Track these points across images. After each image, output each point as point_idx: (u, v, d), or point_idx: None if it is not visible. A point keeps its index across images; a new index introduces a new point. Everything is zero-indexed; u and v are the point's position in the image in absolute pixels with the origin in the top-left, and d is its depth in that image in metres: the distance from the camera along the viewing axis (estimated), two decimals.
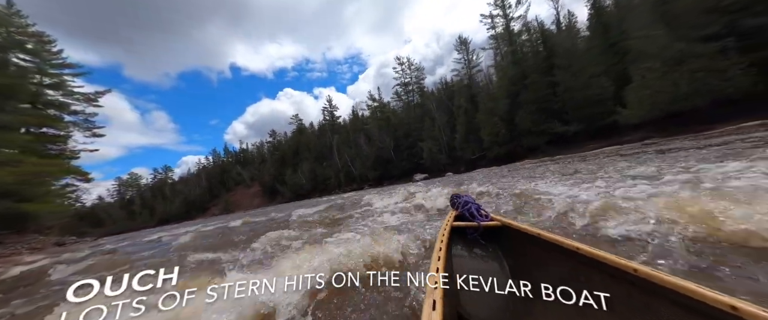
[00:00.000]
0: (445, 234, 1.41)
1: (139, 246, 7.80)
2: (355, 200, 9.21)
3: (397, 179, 36.09)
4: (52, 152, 20.53)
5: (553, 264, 1.18)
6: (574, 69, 20.12)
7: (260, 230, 5.68)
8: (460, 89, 35.30)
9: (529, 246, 1.35)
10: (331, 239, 3.09)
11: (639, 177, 3.87)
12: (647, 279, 0.77)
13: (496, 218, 1.72)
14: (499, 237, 1.66)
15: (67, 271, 4.57)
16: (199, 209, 66.59)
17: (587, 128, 19.12)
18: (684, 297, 0.68)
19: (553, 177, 5.92)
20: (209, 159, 78.98)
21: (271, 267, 2.37)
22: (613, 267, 0.88)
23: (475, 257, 1.60)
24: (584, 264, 1.00)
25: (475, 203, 1.89)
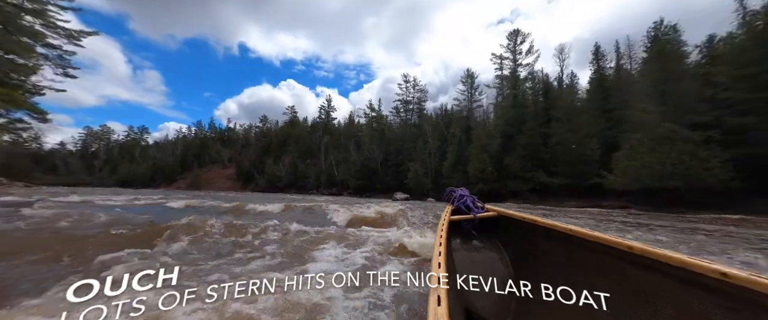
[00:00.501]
0: (443, 230, 1.37)
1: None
2: (317, 208, 8.10)
3: (378, 192, 35.32)
4: (11, 82, 18.58)
5: (549, 248, 1.16)
6: (570, 125, 20.62)
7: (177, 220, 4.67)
8: (458, 119, 35.73)
9: (526, 233, 1.34)
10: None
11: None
12: (641, 255, 0.79)
13: (491, 209, 1.73)
14: (495, 227, 1.66)
15: None
16: (166, 179, 62.71)
17: (571, 184, 19.35)
18: (676, 268, 0.70)
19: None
20: (191, 130, 75.49)
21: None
22: (607, 246, 0.89)
23: (474, 248, 1.59)
24: (579, 246, 1.00)
25: (470, 196, 1.90)
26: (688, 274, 0.69)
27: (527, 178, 21.94)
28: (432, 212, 6.88)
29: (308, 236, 3.85)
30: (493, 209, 1.74)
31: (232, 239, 3.58)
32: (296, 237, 3.80)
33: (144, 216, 5.65)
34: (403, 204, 12.23)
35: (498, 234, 1.66)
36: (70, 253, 2.85)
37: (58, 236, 3.69)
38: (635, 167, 14.06)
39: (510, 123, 26.16)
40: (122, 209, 7.25)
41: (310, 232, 4.16)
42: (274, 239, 3.71)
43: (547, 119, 23.13)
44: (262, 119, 68.14)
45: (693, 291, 0.70)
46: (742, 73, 13.49)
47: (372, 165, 39.12)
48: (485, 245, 1.64)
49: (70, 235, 3.75)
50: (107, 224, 4.41)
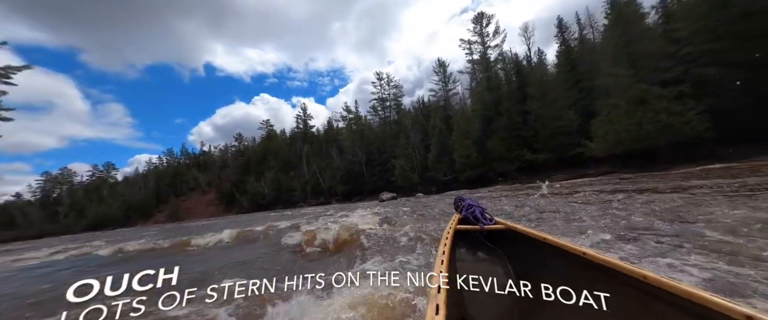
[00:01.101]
0: (448, 238, 1.36)
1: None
2: (273, 233, 6.33)
3: (366, 195, 34.44)
4: None
5: (558, 268, 1.14)
6: (545, 100, 20.65)
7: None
8: (436, 109, 35.46)
9: (534, 250, 1.31)
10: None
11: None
12: (657, 286, 0.74)
13: (500, 222, 1.66)
14: (503, 241, 1.61)
15: None
16: (142, 215, 58.63)
17: (555, 158, 19.35)
18: (696, 305, 0.65)
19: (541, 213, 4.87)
20: (162, 159, 71.17)
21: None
22: (621, 272, 0.84)
23: (479, 260, 1.56)
24: (591, 268, 0.97)
25: (479, 206, 1.84)
26: (710, 313, 0.61)
27: (512, 158, 21.83)
28: (419, 213, 6.05)
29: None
30: (501, 223, 1.65)
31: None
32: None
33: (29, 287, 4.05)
34: (387, 206, 11.41)
35: (504, 248, 1.59)
36: None
37: None
38: (615, 130, 14.05)
39: (487, 107, 26.07)
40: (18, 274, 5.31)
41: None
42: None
43: (523, 98, 23.14)
44: (237, 137, 65.34)
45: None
46: (695, 28, 13.79)
47: (356, 168, 38.18)
48: (490, 257, 1.59)
49: None
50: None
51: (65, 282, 3.97)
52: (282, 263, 3.53)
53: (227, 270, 3.42)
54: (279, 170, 48.09)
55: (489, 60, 30.13)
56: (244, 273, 3.15)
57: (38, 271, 5.09)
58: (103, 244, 7.80)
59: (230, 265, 3.75)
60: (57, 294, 2.91)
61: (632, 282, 0.83)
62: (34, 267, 5.60)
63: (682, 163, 12.13)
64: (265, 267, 3.44)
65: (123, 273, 0.90)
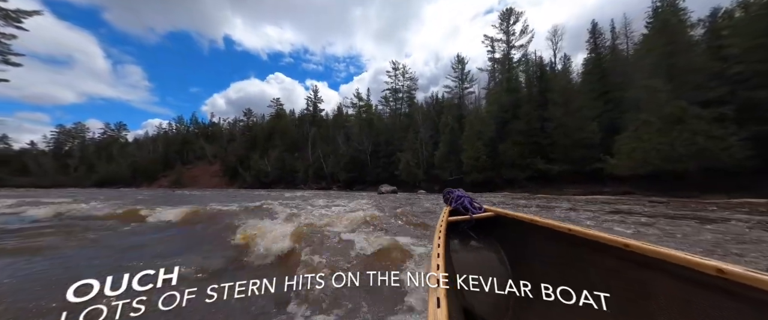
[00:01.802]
0: (441, 231, 1.34)
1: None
2: (225, 217, 5.46)
3: (368, 185, 33.91)
4: None
5: (547, 247, 1.17)
6: (568, 108, 19.42)
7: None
8: (450, 106, 34.28)
9: (524, 233, 1.35)
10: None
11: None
12: (638, 253, 0.79)
13: (489, 209, 1.71)
14: (494, 227, 1.64)
15: None
16: (147, 178, 59.67)
17: (570, 170, 18.27)
18: (673, 265, 0.71)
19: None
20: (172, 126, 71.97)
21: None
22: (604, 244, 0.89)
23: (473, 249, 1.57)
24: (577, 244, 1.01)
25: (468, 197, 1.86)
26: (685, 271, 0.69)
27: (524, 165, 20.79)
28: (409, 216, 5.22)
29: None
30: (491, 210, 1.69)
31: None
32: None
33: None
34: (384, 200, 10.70)
35: (496, 234, 1.61)
36: None
37: None
38: (643, 149, 12.92)
39: (504, 109, 24.86)
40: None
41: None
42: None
43: (544, 103, 21.87)
44: (246, 113, 65.30)
45: (691, 288, 0.70)
46: (755, 44, 12.37)
47: (361, 157, 37.55)
48: (484, 245, 1.58)
49: None
50: None
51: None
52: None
53: (110, 257, 2.86)
54: (285, 150, 47.89)
55: (511, 60, 28.66)
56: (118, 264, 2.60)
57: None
58: (57, 203, 7.33)
59: (125, 250, 3.15)
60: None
61: (614, 251, 0.87)
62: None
63: (715, 191, 11.04)
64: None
65: (123, 272, 0.90)
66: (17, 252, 3.02)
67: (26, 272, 2.44)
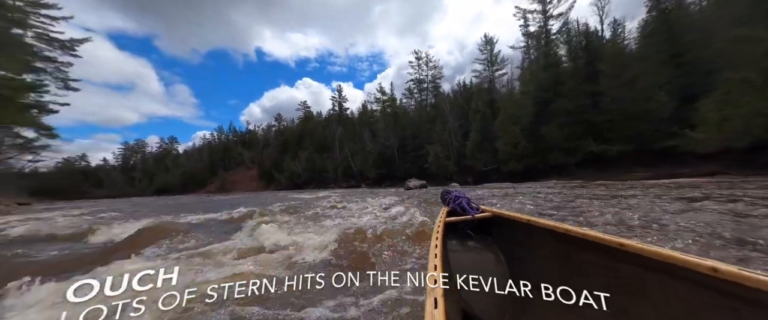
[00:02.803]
0: (439, 231, 1.35)
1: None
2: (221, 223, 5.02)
3: (397, 181, 33.02)
4: (19, 102, 18.39)
5: (546, 247, 1.18)
6: (624, 78, 16.46)
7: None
8: (479, 91, 31.83)
9: (522, 234, 1.35)
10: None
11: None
12: (633, 252, 0.80)
13: (487, 210, 1.70)
14: (492, 228, 1.64)
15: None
16: (198, 185, 65.32)
17: (635, 150, 15.45)
18: (667, 265, 0.71)
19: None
20: (214, 135, 77.97)
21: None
22: (601, 244, 0.90)
23: (470, 250, 1.56)
24: (575, 244, 1.01)
25: (466, 197, 1.85)
26: (681, 271, 0.69)
27: (573, 149, 18.18)
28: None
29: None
30: (488, 210, 1.68)
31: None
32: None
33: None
34: (411, 197, 9.61)
35: (494, 235, 1.59)
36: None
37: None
38: (741, 115, 10.15)
39: (543, 87, 22.12)
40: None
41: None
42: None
43: (593, 76, 18.90)
44: (277, 118, 68.14)
45: (687, 287, 0.70)
46: None
47: (388, 152, 36.73)
48: (481, 245, 1.57)
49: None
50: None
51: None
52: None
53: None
54: (314, 151, 48.94)
55: (549, 32, 25.46)
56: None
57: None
58: (93, 216, 7.40)
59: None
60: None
61: (611, 251, 0.87)
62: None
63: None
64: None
65: (123, 273, 0.91)
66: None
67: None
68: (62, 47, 19.53)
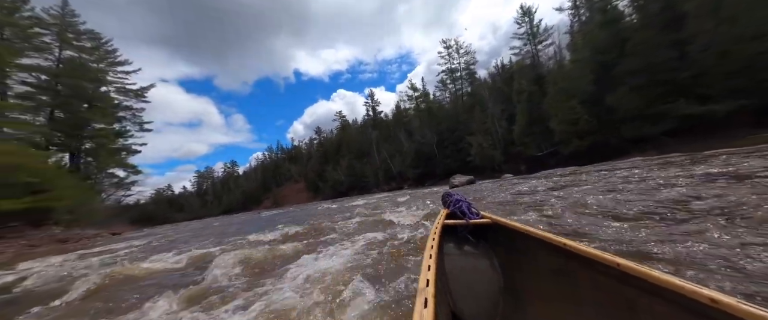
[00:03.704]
0: (436, 232, 1.38)
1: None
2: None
3: (439, 178, 31.26)
4: (111, 147, 21.82)
5: (541, 259, 1.17)
6: (724, 15, 12.59)
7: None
8: (522, 69, 28.44)
9: (519, 243, 1.35)
10: None
11: None
12: (629, 274, 0.78)
13: (486, 216, 1.68)
14: (489, 234, 1.63)
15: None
16: (255, 202, 71.75)
17: (752, 107, 11.63)
18: (665, 290, 0.69)
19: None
20: (265, 155, 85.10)
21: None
22: (596, 260, 0.89)
23: (466, 254, 1.55)
24: (570, 258, 1.01)
25: (466, 201, 1.84)
26: (677, 297, 0.67)
27: (658, 114, 14.58)
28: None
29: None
30: (487, 216, 1.64)
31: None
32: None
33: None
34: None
35: (491, 241, 1.57)
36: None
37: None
38: None
39: (602, 49, 18.48)
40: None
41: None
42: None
43: (673, 21, 14.98)
44: (316, 131, 71.34)
45: (682, 315, 0.68)
46: None
47: (426, 150, 35.14)
48: (477, 251, 1.54)
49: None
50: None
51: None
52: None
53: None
54: (353, 158, 49.70)
55: None
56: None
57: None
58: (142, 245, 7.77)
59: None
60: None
61: (606, 270, 0.85)
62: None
63: None
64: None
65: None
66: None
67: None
68: (136, 96, 22.79)
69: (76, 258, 5.76)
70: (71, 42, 17.76)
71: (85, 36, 19.04)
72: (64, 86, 17.67)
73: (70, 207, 13.26)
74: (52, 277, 3.71)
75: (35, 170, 10.39)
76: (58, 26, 16.94)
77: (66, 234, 12.22)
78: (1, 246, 9.13)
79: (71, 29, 17.89)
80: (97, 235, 14.66)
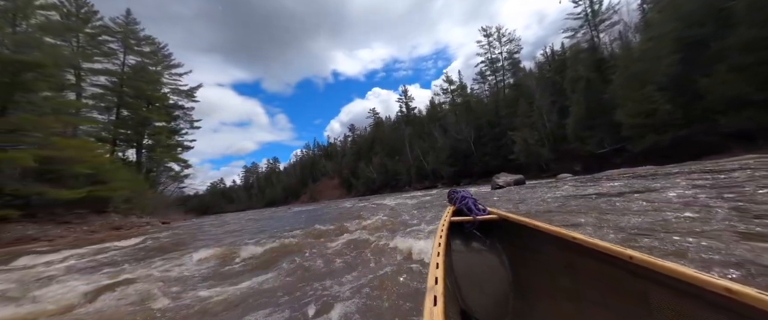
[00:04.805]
0: (443, 230, 1.36)
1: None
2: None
3: (477, 177, 28.96)
4: (168, 144, 24.14)
5: (550, 254, 1.16)
6: None
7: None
8: (578, 54, 24.74)
9: (527, 238, 1.33)
10: None
11: None
12: (642, 266, 0.77)
13: (493, 212, 1.66)
14: (497, 231, 1.60)
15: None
16: (294, 196, 75.63)
17: None
18: (679, 282, 0.68)
19: None
20: (303, 152, 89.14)
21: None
22: (607, 254, 0.88)
23: (474, 251, 1.53)
24: (581, 252, 1.00)
25: (472, 198, 1.82)
26: (691, 288, 0.66)
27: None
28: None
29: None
30: (494, 212, 1.62)
31: None
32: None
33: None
34: (515, 204, 6.80)
35: (499, 238, 1.55)
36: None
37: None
38: None
39: (690, 21, 14.84)
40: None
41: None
42: None
43: None
44: (351, 128, 72.30)
45: (696, 306, 0.67)
46: None
47: (462, 146, 32.91)
48: (485, 247, 1.52)
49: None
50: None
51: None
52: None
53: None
54: (385, 155, 49.13)
55: None
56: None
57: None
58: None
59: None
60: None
61: (618, 263, 0.84)
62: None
63: None
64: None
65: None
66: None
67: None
68: (187, 95, 24.89)
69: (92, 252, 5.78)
70: (133, 47, 19.87)
71: (144, 42, 21.22)
72: (128, 88, 19.82)
73: (126, 197, 14.58)
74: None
75: (94, 163, 11.46)
76: (123, 33, 19.05)
77: (121, 222, 13.44)
78: (65, 231, 10.13)
79: (133, 36, 20.03)
80: (147, 224, 16.04)
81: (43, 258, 4.75)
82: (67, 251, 5.53)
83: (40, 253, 5.53)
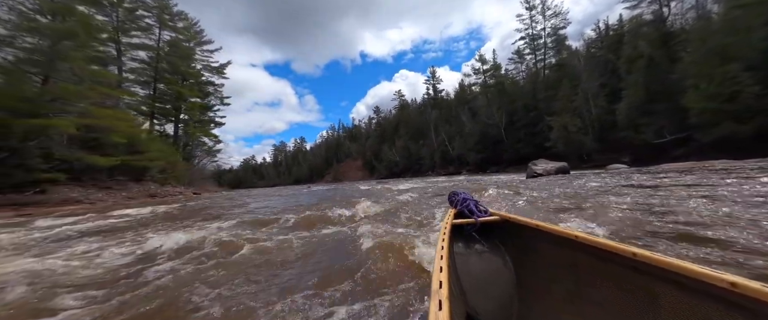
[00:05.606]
0: (445, 233, 1.33)
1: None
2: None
3: (507, 164, 27.16)
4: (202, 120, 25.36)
5: (553, 254, 1.16)
6: None
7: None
8: (640, 27, 21.22)
9: (529, 239, 1.34)
10: None
11: None
12: (646, 262, 0.77)
13: (494, 213, 1.66)
14: (499, 232, 1.60)
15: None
16: (319, 175, 78.04)
17: None
18: (683, 277, 0.68)
19: None
20: (328, 133, 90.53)
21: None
22: (611, 252, 0.88)
23: (477, 253, 1.52)
24: (584, 251, 1.00)
25: (473, 200, 1.80)
26: (696, 284, 0.66)
27: None
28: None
29: None
30: (496, 214, 1.62)
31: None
32: None
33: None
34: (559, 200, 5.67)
35: (501, 239, 1.55)
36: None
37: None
38: None
39: None
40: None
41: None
42: None
43: None
44: (375, 111, 71.47)
45: (702, 301, 0.67)
46: None
47: (492, 132, 30.89)
48: (488, 249, 1.52)
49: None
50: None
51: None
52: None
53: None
54: (409, 138, 48.06)
55: None
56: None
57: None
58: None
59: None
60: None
61: (622, 260, 0.85)
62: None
63: None
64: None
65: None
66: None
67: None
68: (217, 72, 25.60)
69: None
70: (167, 23, 20.48)
71: (177, 17, 21.79)
72: (165, 63, 20.68)
73: (162, 167, 15.49)
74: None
75: (128, 133, 12.10)
76: (158, 9, 19.62)
77: (157, 190, 14.35)
78: (106, 195, 10.90)
79: (167, 11, 20.59)
80: (180, 193, 17.06)
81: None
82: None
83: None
